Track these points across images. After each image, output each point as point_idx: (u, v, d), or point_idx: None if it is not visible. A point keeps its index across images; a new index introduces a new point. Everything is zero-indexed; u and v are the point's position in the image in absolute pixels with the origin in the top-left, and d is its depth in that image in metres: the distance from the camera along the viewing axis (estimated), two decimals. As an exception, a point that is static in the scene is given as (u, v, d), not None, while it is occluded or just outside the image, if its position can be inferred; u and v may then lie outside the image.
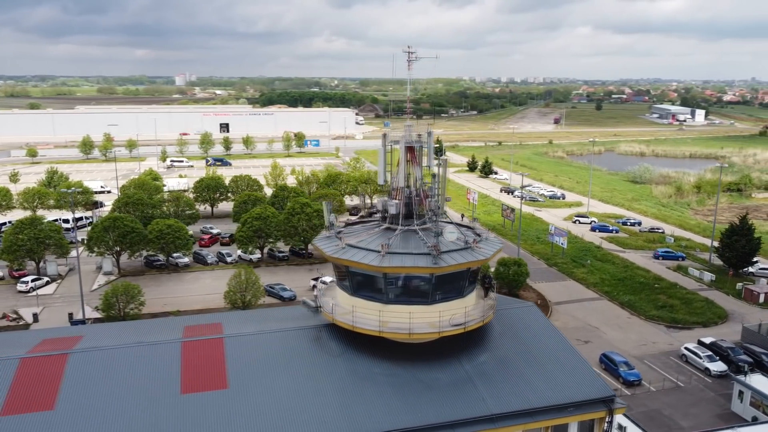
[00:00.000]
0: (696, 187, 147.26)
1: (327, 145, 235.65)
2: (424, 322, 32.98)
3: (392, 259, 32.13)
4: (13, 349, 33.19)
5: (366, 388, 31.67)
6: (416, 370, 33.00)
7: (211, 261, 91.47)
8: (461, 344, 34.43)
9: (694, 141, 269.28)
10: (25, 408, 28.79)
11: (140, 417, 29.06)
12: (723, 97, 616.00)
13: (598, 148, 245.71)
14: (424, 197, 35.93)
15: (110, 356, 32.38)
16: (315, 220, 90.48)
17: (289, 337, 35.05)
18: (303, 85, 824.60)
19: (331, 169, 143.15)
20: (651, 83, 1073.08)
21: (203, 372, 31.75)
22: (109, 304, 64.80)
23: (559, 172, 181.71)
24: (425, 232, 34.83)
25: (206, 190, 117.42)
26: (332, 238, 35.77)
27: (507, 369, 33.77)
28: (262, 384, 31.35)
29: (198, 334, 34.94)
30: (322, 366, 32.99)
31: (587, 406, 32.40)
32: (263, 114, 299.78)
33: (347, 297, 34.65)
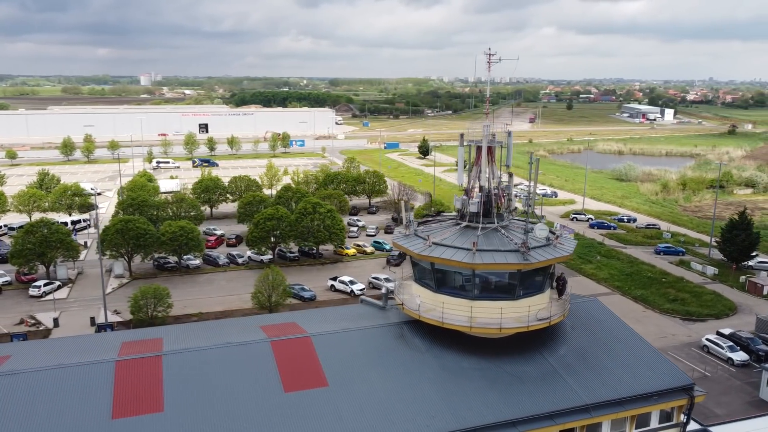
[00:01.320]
0: (681, 184, 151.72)
1: (312, 145, 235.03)
2: (511, 317, 33.84)
3: (484, 256, 32.90)
4: (98, 353, 32.97)
5: (460, 382, 32.35)
6: (503, 364, 33.83)
7: (223, 262, 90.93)
8: (541, 338, 35.41)
9: (668, 139, 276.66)
10: (135, 411, 28.71)
11: (248, 416, 29.20)
12: (686, 97, 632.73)
13: (578, 147, 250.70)
14: (501, 196, 36.80)
15: (204, 357, 32.40)
16: (328, 220, 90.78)
17: (374, 334, 35.52)
18: (272, 84, 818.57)
19: (325, 168, 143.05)
20: (614, 83, 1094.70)
21: (301, 371, 32.01)
22: (139, 306, 64.12)
23: (546, 170, 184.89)
24: (506, 229, 35.74)
25: (205, 192, 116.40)
26: (412, 236, 36.36)
27: (587, 361, 34.86)
28: (359, 381, 31.79)
29: (282, 334, 35.14)
30: (412, 362, 33.56)
31: (670, 394, 33.72)
32: (243, 114, 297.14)
33: (431, 294, 35.26)
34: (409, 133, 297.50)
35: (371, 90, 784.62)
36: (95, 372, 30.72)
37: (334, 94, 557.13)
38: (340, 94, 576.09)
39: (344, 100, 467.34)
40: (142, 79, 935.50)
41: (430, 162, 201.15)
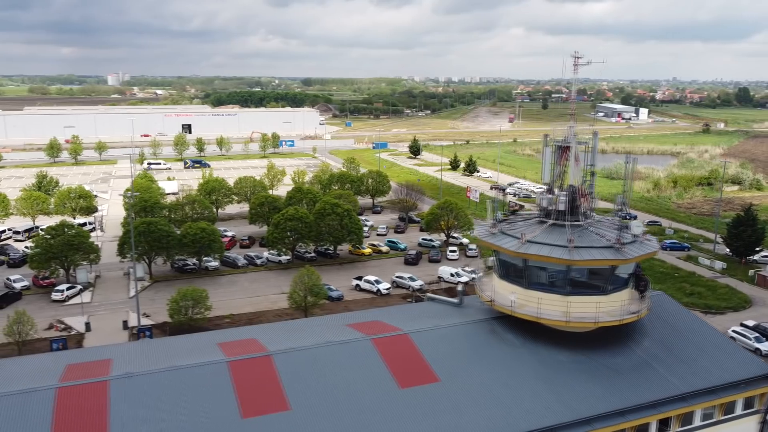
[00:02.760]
0: (672, 182, 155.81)
1: (301, 146, 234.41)
2: (604, 311, 35.03)
3: (581, 252, 34.02)
4: (202, 353, 33.13)
5: (562, 375, 33.44)
6: (597, 357, 35.05)
7: (242, 264, 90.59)
8: (623, 331, 36.69)
9: (647, 138, 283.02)
10: (263, 410, 29.05)
11: (364, 414, 29.76)
12: (655, 96, 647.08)
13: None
14: (584, 195, 37.97)
15: (312, 355, 32.86)
16: (346, 220, 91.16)
17: (467, 330, 36.40)
18: (244, 84, 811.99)
19: (326, 169, 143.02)
20: (582, 83, 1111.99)
21: (410, 367, 32.70)
22: (179, 308, 63.74)
23: (537, 169, 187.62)
24: (592, 226, 36.95)
25: (211, 193, 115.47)
26: (499, 235, 37.28)
27: (671, 351, 36.29)
28: (467, 375, 32.64)
29: (377, 332, 35.74)
30: (511, 357, 34.55)
31: (755, 382, 35.37)
32: (226, 114, 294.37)
33: (522, 290, 36.23)
34: (393, 132, 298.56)
35: (344, 90, 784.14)
36: (211, 373, 30.95)
37: (311, 93, 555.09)
38: (316, 93, 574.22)
39: (323, 99, 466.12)
40: (109, 79, 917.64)
41: (422, 161, 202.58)
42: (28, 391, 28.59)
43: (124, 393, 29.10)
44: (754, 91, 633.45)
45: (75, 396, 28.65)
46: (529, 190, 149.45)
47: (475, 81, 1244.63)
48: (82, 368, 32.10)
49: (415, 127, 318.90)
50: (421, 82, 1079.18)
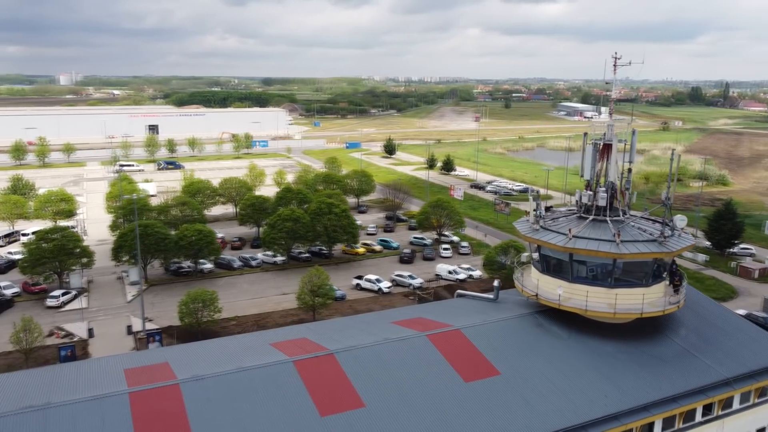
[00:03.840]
0: (644, 178, 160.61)
1: (273, 146, 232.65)
2: (647, 302, 36.40)
3: (628, 246, 35.31)
4: (263, 355, 33.14)
5: (612, 364, 34.64)
6: (641, 346, 36.41)
7: (238, 266, 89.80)
8: (658, 321, 38.18)
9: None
10: (339, 408, 29.31)
11: (437, 409, 30.30)
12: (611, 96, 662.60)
13: (531, 145, 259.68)
14: (623, 191, 39.32)
15: (374, 353, 33.22)
16: (343, 220, 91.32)
17: (515, 324, 37.31)
18: (202, 84, 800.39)
19: (308, 169, 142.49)
20: (538, 82, 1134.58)
21: (470, 361, 33.39)
22: (189, 311, 62.97)
23: (512, 167, 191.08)
24: (631, 221, 38.35)
25: (196, 194, 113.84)
26: (542, 230, 38.28)
27: (706, 339, 37.95)
28: (526, 368, 33.50)
29: (427, 328, 36.30)
30: (561, 348, 35.58)
31: (786, 366, 37.33)
32: (194, 115, 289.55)
33: (566, 284, 37.28)
34: (363, 132, 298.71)
35: (306, 89, 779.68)
36: (279, 373, 31.02)
37: (274, 93, 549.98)
38: (279, 93, 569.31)
39: (287, 99, 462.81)
40: (61, 78, 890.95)
41: (398, 161, 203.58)
42: (101, 397, 28.15)
43: (198, 395, 28.95)
44: (704, 90, 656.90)
45: (149, 400, 28.35)
46: (507, 188, 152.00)
47: (435, 80, 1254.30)
48: (143, 372, 31.70)
49: (384, 127, 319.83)
50: (382, 82, 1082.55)
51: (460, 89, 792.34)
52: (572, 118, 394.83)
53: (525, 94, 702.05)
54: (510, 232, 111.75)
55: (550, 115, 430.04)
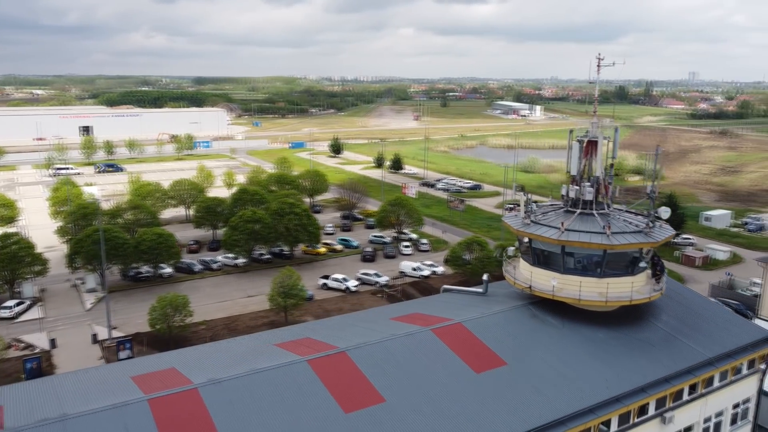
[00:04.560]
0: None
1: (216, 147, 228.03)
2: (634, 290, 38.45)
3: (618, 237, 37.20)
4: (270, 357, 33.07)
5: (607, 350, 36.36)
6: (630, 332, 38.37)
7: (198, 269, 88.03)
8: (640, 308, 40.42)
9: (546, 133, 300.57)
10: (361, 404, 29.63)
11: (455, 400, 31.06)
12: (542, 94, 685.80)
13: (472, 143, 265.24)
14: (606, 185, 41.26)
15: (384, 348, 33.63)
16: (305, 219, 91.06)
17: (511, 316, 38.55)
18: (129, 83, 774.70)
19: (258, 169, 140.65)
20: (470, 81, 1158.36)
21: (476, 353, 34.32)
22: (160, 317, 61.39)
23: (457, 165, 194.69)
24: (615, 213, 40.37)
25: (146, 197, 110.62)
26: (533, 224, 39.73)
27: (688, 324, 40.37)
28: (529, 357, 34.75)
29: (429, 323, 37.03)
30: (558, 337, 37.06)
31: (757, 345, 40.24)
32: (128, 115, 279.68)
33: (559, 275, 38.82)
34: (305, 132, 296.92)
35: (240, 89, 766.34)
36: (295, 372, 31.03)
37: (208, 93, 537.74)
38: (213, 93, 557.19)
39: (224, 99, 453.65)
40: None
41: (345, 160, 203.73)
42: (120, 405, 27.36)
43: (219, 398, 28.61)
44: (627, 89, 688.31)
45: (170, 406, 27.79)
46: (457, 185, 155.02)
47: (370, 80, 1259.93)
48: (152, 379, 30.99)
49: (326, 126, 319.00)
50: (317, 81, 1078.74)
51: (395, 88, 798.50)
52: (508, 117, 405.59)
53: (460, 93, 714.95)
54: (466, 228, 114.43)
55: (487, 114, 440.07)
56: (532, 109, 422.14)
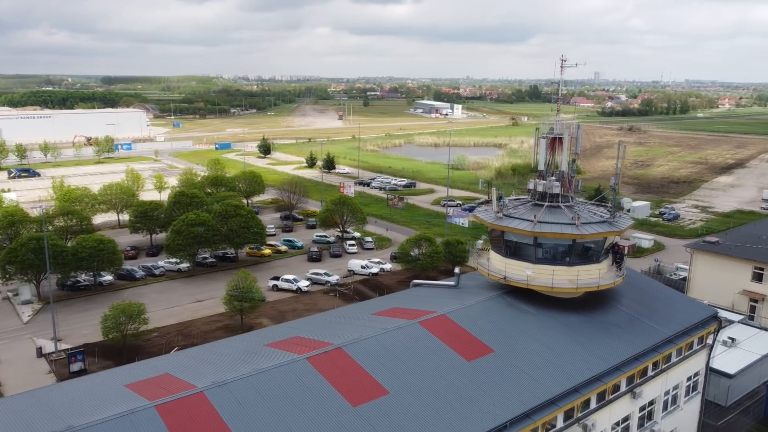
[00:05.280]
0: (512, 170, 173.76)
1: (139, 149, 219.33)
2: (601, 276, 41.10)
3: (587, 228, 39.66)
4: (266, 357, 33.17)
5: (582, 333, 38.72)
6: (598, 316, 41.04)
7: (140, 276, 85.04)
8: (605, 294, 43.28)
9: (469, 132, 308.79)
10: (367, 397, 30.29)
11: (454, 388, 32.32)
12: (460, 93, 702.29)
13: (399, 141, 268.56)
14: (570, 179, 43.73)
15: (378, 342, 34.40)
16: (251, 221, 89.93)
17: (490, 306, 40.26)
18: (30, 83, 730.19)
19: (190, 172, 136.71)
20: (388, 81, 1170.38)
21: (464, 342, 35.70)
22: (114, 325, 59.12)
23: (389, 163, 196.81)
24: (579, 205, 42.94)
25: (75, 202, 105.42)
26: (506, 218, 41.61)
27: (647, 308, 43.53)
28: (514, 344, 36.47)
29: (414, 316, 38.12)
30: (536, 323, 39.07)
31: (708, 321, 44.00)
32: (38, 117, 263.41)
33: (531, 265, 40.88)
34: (229, 132, 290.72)
35: (152, 89, 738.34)
36: (297, 370, 31.32)
37: (121, 93, 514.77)
38: (126, 93, 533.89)
39: (138, 99, 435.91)
40: None
41: (275, 160, 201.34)
42: (127, 413, 26.73)
43: (226, 400, 28.48)
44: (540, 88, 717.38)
45: (179, 411, 27.41)
46: (392, 183, 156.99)
47: (287, 79, 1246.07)
48: (149, 385, 30.38)
49: (250, 126, 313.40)
50: (233, 81, 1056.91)
51: (315, 88, 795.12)
52: (430, 115, 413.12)
53: (380, 93, 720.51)
54: (406, 226, 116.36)
55: (409, 113, 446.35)
56: (453, 108, 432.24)
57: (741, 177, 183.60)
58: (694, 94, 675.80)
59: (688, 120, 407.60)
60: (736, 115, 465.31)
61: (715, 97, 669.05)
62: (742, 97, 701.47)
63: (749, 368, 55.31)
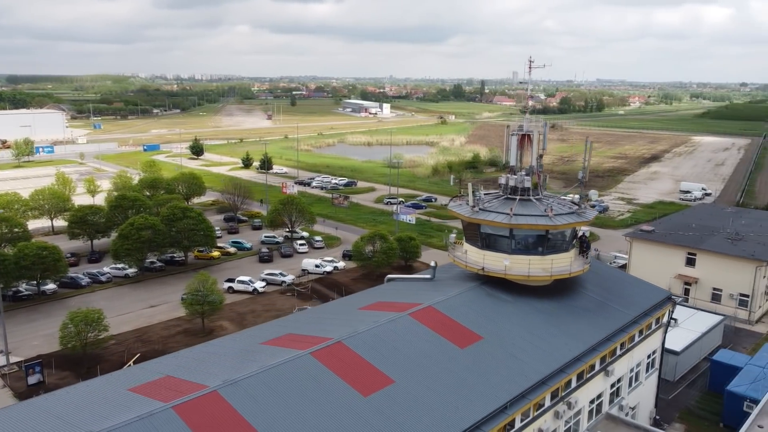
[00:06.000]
0: (448, 167, 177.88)
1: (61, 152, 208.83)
2: (567, 265, 43.77)
3: (559, 219, 42.18)
4: (269, 355, 33.58)
5: (557, 317, 41.18)
6: (568, 301, 43.69)
7: (86, 283, 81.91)
8: (572, 280, 46.10)
9: (399, 130, 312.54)
10: (376, 387, 31.27)
11: (454, 373, 33.85)
12: (386, 93, 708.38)
13: (331, 141, 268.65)
14: (538, 174, 46.21)
15: (375, 334, 35.42)
16: (201, 224, 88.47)
17: (471, 296, 42.06)
18: None
19: (124, 175, 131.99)
20: (311, 80, 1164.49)
21: (454, 331, 37.25)
22: (73, 334, 57.00)
23: (326, 163, 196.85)
24: (547, 198, 45.53)
25: (7, 209, 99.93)
26: (482, 212, 43.54)
27: (611, 292, 46.63)
28: (500, 330, 38.43)
29: (402, 309, 39.40)
30: (514, 310, 41.20)
31: (662, 304, 47.68)
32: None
33: (510, 256, 43.01)
34: (154, 133, 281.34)
35: (63, 88, 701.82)
36: (304, 365, 31.91)
37: (33, 93, 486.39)
38: (36, 93, 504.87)
39: (52, 100, 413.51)
40: None
41: (208, 161, 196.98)
42: (146, 416, 26.52)
43: (242, 397, 28.74)
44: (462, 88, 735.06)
45: (196, 410, 27.45)
46: (332, 182, 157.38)
47: (207, 78, 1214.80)
48: (153, 387, 30.18)
49: (175, 127, 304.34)
50: (150, 80, 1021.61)
51: (238, 87, 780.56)
52: (359, 114, 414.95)
53: (305, 92, 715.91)
54: (352, 224, 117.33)
55: (338, 112, 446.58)
56: (382, 107, 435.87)
57: (658, 170, 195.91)
58: (607, 93, 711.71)
59: (604, 117, 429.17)
60: (646, 113, 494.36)
61: (626, 95, 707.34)
62: (650, 95, 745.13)
63: (692, 346, 60.07)
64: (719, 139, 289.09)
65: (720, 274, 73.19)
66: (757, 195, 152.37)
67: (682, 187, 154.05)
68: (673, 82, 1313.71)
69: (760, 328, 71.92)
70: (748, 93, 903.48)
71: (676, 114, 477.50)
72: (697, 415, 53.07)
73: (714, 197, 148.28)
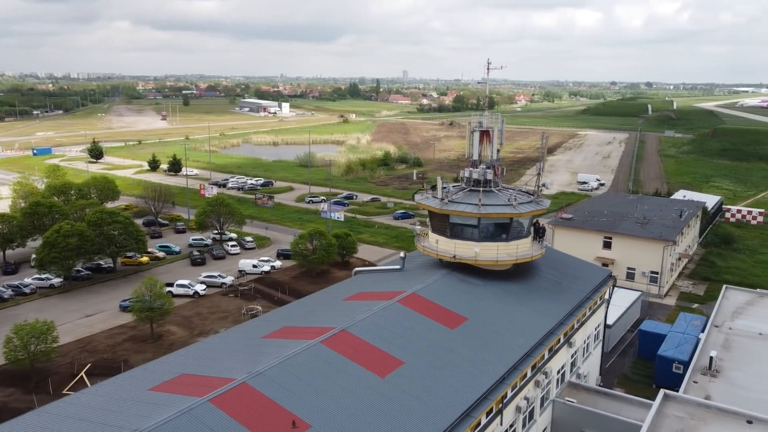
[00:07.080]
0: (362, 165, 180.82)
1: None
2: (527, 249, 47.91)
3: (522, 207, 46.11)
4: (279, 347, 34.78)
5: (525, 297, 45.12)
6: (531, 283, 47.81)
7: (8, 296, 77.04)
8: (529, 264, 50.40)
9: (303, 129, 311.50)
10: (389, 368, 33.32)
11: (451, 353, 36.57)
12: (281, 92, 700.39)
13: (236, 141, 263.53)
14: (497, 167, 49.94)
15: (374, 322, 37.46)
16: (130, 228, 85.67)
17: (448, 282, 45.02)
18: None
19: (27, 181, 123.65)
20: (199, 78, 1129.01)
21: (441, 315, 39.93)
22: (20, 347, 54.12)
23: (238, 164, 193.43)
24: (507, 189, 49.42)
25: None
26: (451, 203, 46.63)
27: (563, 273, 51.27)
28: (481, 312, 41.56)
29: (389, 297, 41.68)
30: (487, 293, 44.63)
31: (606, 281, 53.13)
32: None
33: (479, 244, 46.35)
34: (39, 136, 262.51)
35: None
36: (318, 353, 33.43)
37: None
38: None
39: None
40: None
41: (110, 165, 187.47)
42: (186, 411, 27.08)
43: (272, 386, 29.76)
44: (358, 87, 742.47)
45: (232, 401, 28.28)
46: (249, 182, 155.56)
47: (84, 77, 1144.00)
48: (177, 385, 30.68)
49: (62, 129, 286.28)
50: (20, 79, 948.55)
51: (122, 86, 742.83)
52: (258, 114, 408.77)
53: (196, 92, 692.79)
54: (279, 223, 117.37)
55: (235, 112, 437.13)
56: (281, 106, 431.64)
57: (554, 163, 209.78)
58: (494, 91, 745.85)
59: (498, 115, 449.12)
60: (533, 110, 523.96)
61: (512, 93, 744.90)
62: (533, 93, 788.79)
63: (620, 319, 66.78)
64: (601, 133, 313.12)
65: (633, 254, 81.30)
66: (643, 183, 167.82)
67: (579, 179, 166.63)
68: (551, 81, 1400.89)
69: (668, 300, 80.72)
70: (618, 91, 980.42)
71: (560, 111, 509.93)
72: (632, 379, 59.41)
73: (607, 187, 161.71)
